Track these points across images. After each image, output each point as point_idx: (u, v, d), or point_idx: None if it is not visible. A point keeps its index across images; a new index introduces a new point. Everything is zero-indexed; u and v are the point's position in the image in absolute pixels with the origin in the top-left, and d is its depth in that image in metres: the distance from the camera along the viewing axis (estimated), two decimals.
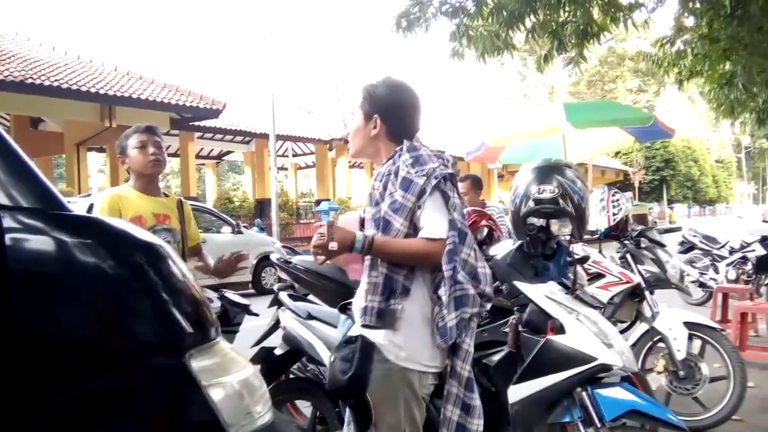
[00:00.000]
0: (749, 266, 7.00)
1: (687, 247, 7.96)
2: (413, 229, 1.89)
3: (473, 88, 36.90)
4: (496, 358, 2.96)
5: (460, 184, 5.02)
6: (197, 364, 1.29)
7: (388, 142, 2.01)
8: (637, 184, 32.14)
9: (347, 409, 2.07)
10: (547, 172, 2.32)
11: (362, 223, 2.05)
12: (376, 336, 1.87)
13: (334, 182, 23.53)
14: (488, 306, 2.01)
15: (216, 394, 1.29)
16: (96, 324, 1.20)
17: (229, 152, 23.40)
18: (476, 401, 1.95)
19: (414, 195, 1.86)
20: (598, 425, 2.08)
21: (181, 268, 1.39)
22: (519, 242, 2.41)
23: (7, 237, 1.12)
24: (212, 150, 22.46)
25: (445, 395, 1.92)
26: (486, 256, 3.32)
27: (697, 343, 3.75)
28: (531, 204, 2.30)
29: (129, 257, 1.28)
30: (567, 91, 44.63)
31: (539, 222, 2.35)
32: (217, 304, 3.09)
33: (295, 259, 3.73)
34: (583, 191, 2.30)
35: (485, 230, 3.43)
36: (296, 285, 3.64)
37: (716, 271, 7.29)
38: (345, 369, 1.90)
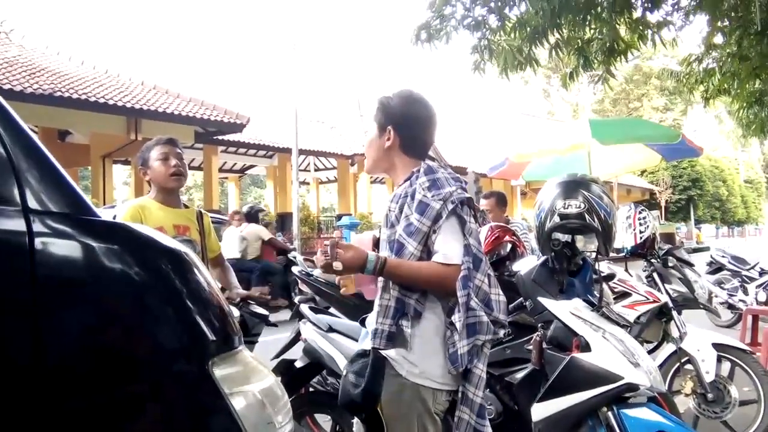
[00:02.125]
0: None
1: (715, 267, 7.80)
2: (427, 254, 1.87)
3: (497, 105, 36.86)
4: (519, 375, 2.92)
5: (484, 201, 5.06)
6: (220, 372, 1.29)
7: (403, 155, 2.00)
8: (663, 204, 31.69)
9: (360, 424, 2.06)
10: (573, 186, 2.29)
11: (376, 244, 2.04)
12: (389, 352, 1.87)
13: (355, 197, 23.61)
14: (501, 333, 1.99)
15: (238, 403, 1.29)
16: (120, 329, 1.21)
17: (251, 166, 23.63)
18: (488, 429, 1.92)
19: (429, 219, 1.85)
20: None
21: (205, 276, 1.41)
22: (543, 258, 2.38)
23: (37, 241, 1.14)
24: (235, 164, 22.70)
25: (455, 422, 1.89)
26: (509, 271, 3.30)
27: (726, 366, 3.66)
28: (556, 219, 2.27)
29: (155, 264, 1.29)
30: (592, 109, 44.32)
31: (564, 238, 2.32)
32: (236, 314, 3.11)
33: (316, 272, 3.74)
34: (610, 207, 2.27)
35: (509, 246, 3.41)
36: (317, 297, 3.65)
37: (745, 292, 7.13)
38: (357, 383, 1.90)
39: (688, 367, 3.61)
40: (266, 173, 23.26)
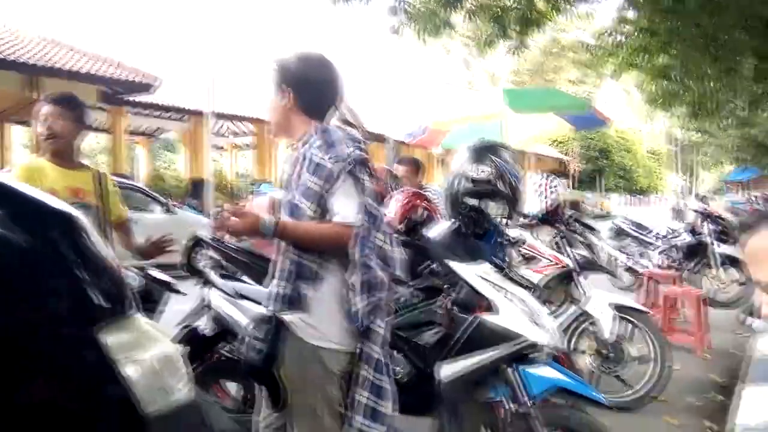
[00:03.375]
0: (677, 253, 7.29)
1: (619, 234, 8.22)
2: (324, 215, 1.87)
3: (418, 74, 37.02)
4: (430, 338, 2.97)
5: (400, 167, 5.05)
6: (110, 338, 1.24)
7: (303, 116, 1.98)
8: (573, 173, 33.10)
9: (262, 388, 2.05)
10: (484, 152, 2.31)
11: (274, 207, 2.00)
12: (290, 316, 1.87)
13: (273, 164, 23.14)
14: (401, 290, 2.01)
15: (129, 370, 1.24)
16: (3, 293, 1.15)
17: (163, 129, 22.58)
18: (387, 384, 1.95)
19: (324, 180, 1.85)
20: (524, 402, 2.11)
21: (96, 240, 1.34)
22: (454, 222, 2.40)
23: None
24: (146, 126, 21.64)
25: (355, 378, 1.92)
26: (423, 237, 3.32)
27: (624, 326, 3.87)
28: (467, 183, 2.29)
29: (42, 226, 1.23)
30: (509, 80, 45.32)
31: (474, 202, 2.35)
32: (139, 282, 2.98)
33: (225, 237, 3.63)
34: (518, 173, 2.31)
35: (423, 212, 3.42)
36: (226, 264, 3.54)
37: (646, 257, 7.56)
38: (258, 348, 1.89)
39: (590, 327, 3.79)
40: (179, 137, 22.27)
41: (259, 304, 2.73)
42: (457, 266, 2.28)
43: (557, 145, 33.90)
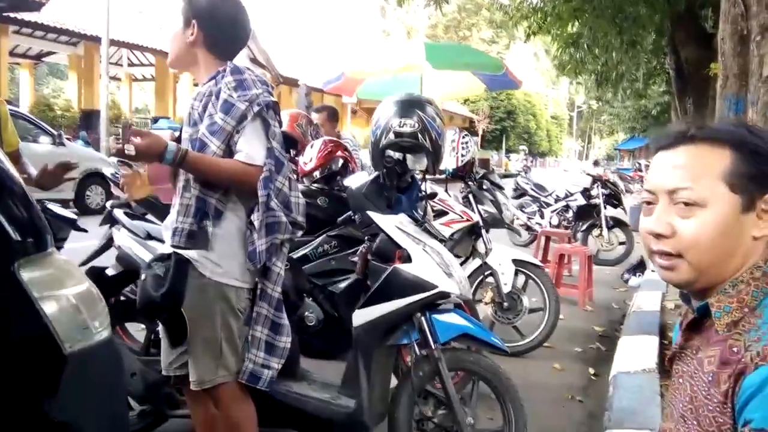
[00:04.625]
0: (570, 214, 7.78)
1: (519, 193, 8.63)
2: (229, 154, 1.88)
3: (335, 19, 36.13)
4: (342, 285, 3.04)
5: (316, 115, 5.01)
6: (28, 274, 1.20)
7: (207, 53, 1.96)
8: (480, 132, 33.98)
9: (160, 326, 2.06)
10: (409, 106, 2.34)
11: (176, 141, 1.97)
12: (191, 253, 1.88)
13: (175, 100, 22.01)
14: (299, 234, 2.09)
15: (49, 307, 1.22)
16: None
17: (51, 53, 20.68)
18: (284, 320, 2.04)
19: (234, 119, 1.85)
20: (433, 346, 2.23)
21: (9, 170, 1.26)
22: (375, 174, 2.44)
23: None
24: (30, 48, 19.79)
25: (254, 316, 1.99)
26: (340, 186, 3.35)
27: (521, 279, 4.14)
28: (391, 136, 2.32)
29: None
30: (425, 33, 45.30)
31: (397, 155, 2.39)
32: None
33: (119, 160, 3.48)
34: (441, 128, 2.37)
35: (341, 161, 3.44)
36: (132, 204, 3.41)
37: (542, 216, 8.01)
38: (158, 285, 1.89)
39: (490, 279, 4.02)
40: (69, 63, 20.46)
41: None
42: (377, 217, 2.33)
43: (467, 104, 34.56)
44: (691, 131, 0.97)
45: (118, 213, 2.78)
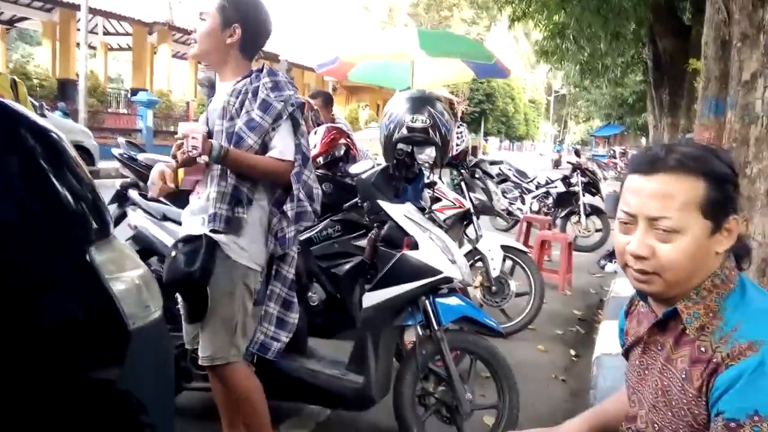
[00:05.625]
0: (550, 200, 8.00)
1: (501, 179, 8.81)
2: (263, 147, 2.03)
3: None
4: (345, 267, 3.19)
5: (311, 100, 5.10)
6: (99, 257, 1.31)
7: (239, 54, 2.09)
8: (460, 114, 34.14)
9: (180, 302, 2.22)
10: (421, 103, 2.49)
11: (209, 135, 2.08)
12: (220, 237, 2.03)
13: (152, 72, 21.66)
14: (316, 221, 2.34)
15: (117, 287, 1.33)
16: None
17: (24, 18, 20.09)
18: (294, 298, 2.23)
19: (271, 117, 2.01)
20: (436, 328, 2.40)
21: (78, 159, 1.37)
22: (384, 165, 2.58)
23: None
24: (2, 13, 19.25)
25: (268, 294, 2.18)
26: (342, 173, 3.48)
27: (508, 264, 4.33)
28: (404, 131, 2.46)
29: (34, 145, 1.24)
30: (406, 12, 45.08)
31: (407, 148, 2.53)
32: None
33: (140, 157, 3.57)
34: (450, 123, 2.51)
35: (343, 148, 3.56)
36: (141, 183, 3.51)
37: (523, 202, 8.22)
38: (191, 262, 2.02)
39: (479, 264, 4.21)
40: (42, 30, 19.92)
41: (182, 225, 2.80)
42: (387, 206, 2.48)
43: (448, 86, 34.64)
44: (665, 158, 1.09)
45: (134, 194, 2.88)
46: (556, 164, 11.12)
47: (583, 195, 7.72)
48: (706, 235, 1.07)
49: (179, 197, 3.08)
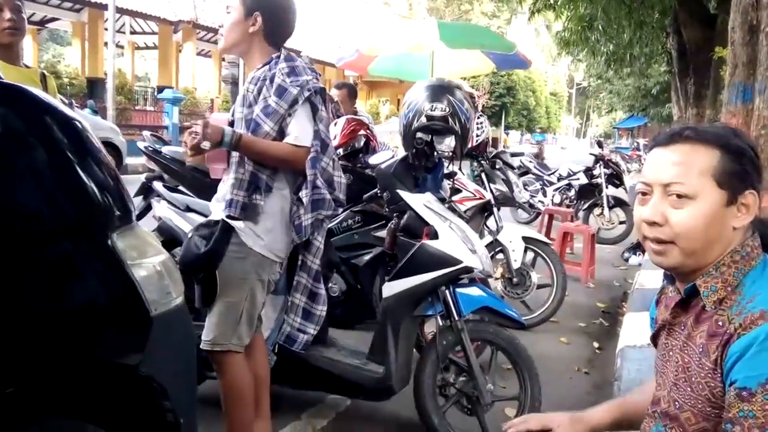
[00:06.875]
0: (572, 192, 7.92)
1: (523, 171, 8.75)
2: (281, 134, 2.01)
3: None
4: (365, 258, 3.20)
5: (335, 92, 5.11)
6: (121, 244, 1.33)
7: (263, 42, 2.08)
8: (480, 108, 33.90)
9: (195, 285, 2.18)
10: (440, 91, 2.46)
11: (231, 125, 2.09)
12: (237, 223, 2.02)
13: (177, 69, 21.89)
14: (339, 210, 2.25)
15: (139, 274, 1.34)
16: (22, 200, 1.18)
17: (54, 19, 20.47)
18: (322, 290, 2.22)
19: (287, 103, 1.98)
20: (456, 318, 2.39)
21: (101, 147, 1.38)
22: (404, 154, 2.57)
23: None
24: (34, 14, 19.59)
25: (294, 285, 2.17)
26: (362, 163, 3.48)
27: (530, 255, 4.29)
28: (423, 120, 2.45)
29: (57, 133, 1.26)
30: (425, 7, 44.87)
31: (427, 137, 2.52)
32: None
33: (165, 149, 3.61)
34: (469, 112, 2.49)
35: (363, 139, 3.57)
36: (165, 176, 3.55)
37: (544, 194, 8.15)
38: (202, 244, 2.03)
39: (500, 256, 4.17)
40: (72, 30, 20.30)
41: (206, 217, 2.82)
42: (406, 196, 2.47)
43: (467, 79, 34.40)
44: (685, 132, 1.10)
45: (158, 185, 2.91)
46: (537, 156, 11.05)
47: (607, 187, 7.63)
48: (721, 205, 1.06)
49: (206, 189, 3.13)
